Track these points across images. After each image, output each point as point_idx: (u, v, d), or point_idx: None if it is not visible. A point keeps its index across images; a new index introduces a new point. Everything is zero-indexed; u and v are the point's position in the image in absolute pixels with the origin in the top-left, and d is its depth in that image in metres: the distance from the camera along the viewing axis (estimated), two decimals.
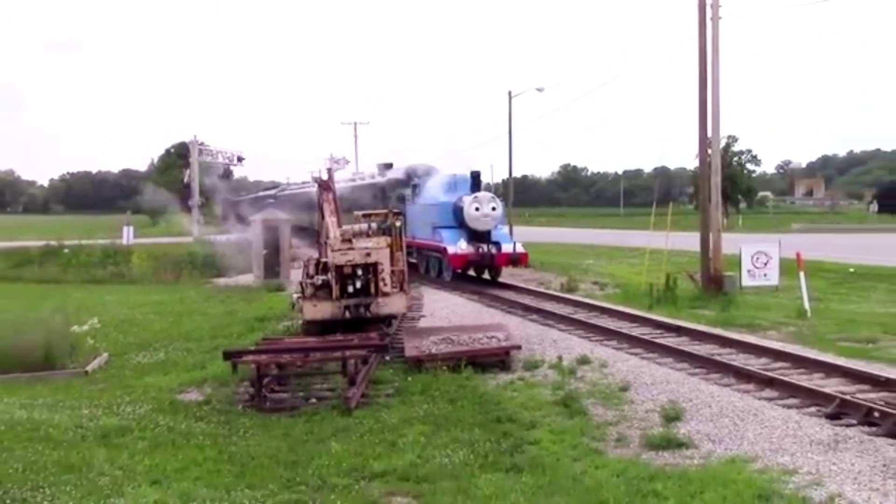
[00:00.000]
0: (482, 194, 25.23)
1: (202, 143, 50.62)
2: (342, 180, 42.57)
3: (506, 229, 26.10)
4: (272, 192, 60.06)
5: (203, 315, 21.16)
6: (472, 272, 26.26)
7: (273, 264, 28.85)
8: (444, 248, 24.68)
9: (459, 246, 24.20)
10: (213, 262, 34.90)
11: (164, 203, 57.22)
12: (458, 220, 25.11)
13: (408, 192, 28.91)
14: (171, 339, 17.65)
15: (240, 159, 53.58)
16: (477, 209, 24.55)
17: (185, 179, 51.56)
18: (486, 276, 26.38)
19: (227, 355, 12.78)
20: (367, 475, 8.70)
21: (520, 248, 24.83)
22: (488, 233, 24.88)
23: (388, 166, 35.25)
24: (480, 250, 24.33)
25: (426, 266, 27.56)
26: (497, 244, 24.74)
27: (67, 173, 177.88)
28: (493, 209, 24.84)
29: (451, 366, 13.41)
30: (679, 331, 16.50)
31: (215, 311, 21.96)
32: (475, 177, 25.74)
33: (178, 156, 73.28)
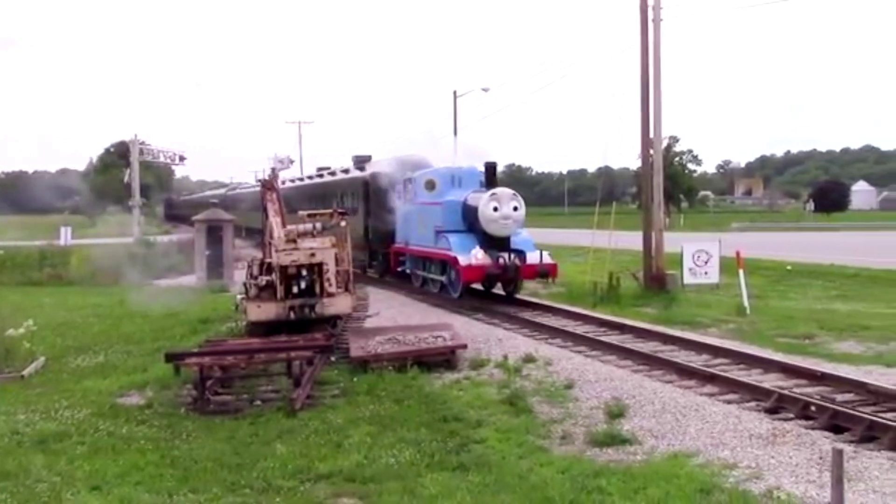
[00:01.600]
0: (501, 191, 20.15)
1: (143, 142, 49.71)
2: (308, 176, 39.10)
3: (526, 233, 21.16)
4: (221, 192, 59.13)
5: (144, 317, 20.77)
6: (478, 285, 21.49)
7: (216, 265, 28.45)
8: (454, 259, 19.98)
9: (474, 255, 19.59)
10: (155, 263, 34.28)
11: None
12: (467, 222, 20.78)
13: (398, 188, 24.29)
14: (110, 341, 17.30)
15: (182, 158, 52.70)
16: (495, 209, 19.67)
17: (125, 179, 50.60)
18: (497, 290, 21.94)
19: (170, 357, 12.57)
20: (312, 477, 8.64)
21: (547, 258, 20.31)
22: (507, 238, 20.13)
23: (366, 159, 30.88)
24: (501, 261, 19.63)
25: (423, 278, 23.07)
26: (520, 253, 19.99)
27: (2, 173, 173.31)
28: (515, 209, 19.93)
29: (397, 366, 13.38)
30: (622, 328, 16.71)
31: (156, 313, 21.59)
32: (490, 169, 20.77)
33: (119, 155, 71.87)
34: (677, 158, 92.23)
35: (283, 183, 38.42)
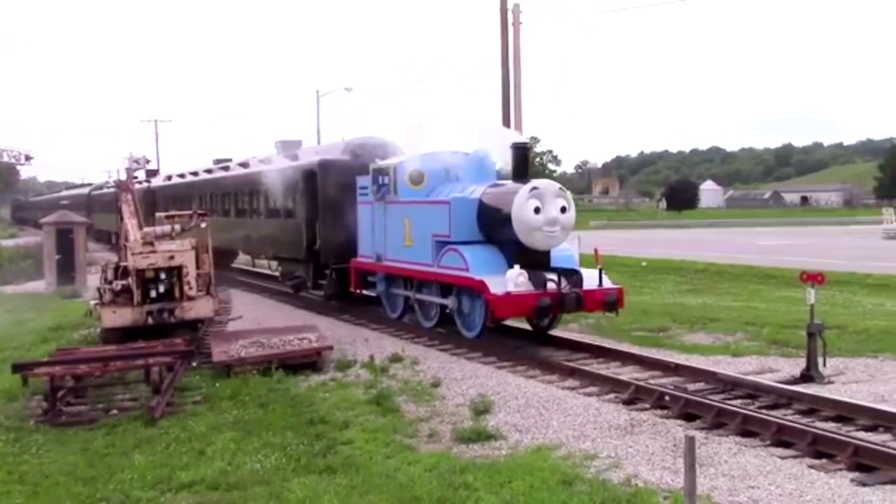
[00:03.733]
0: (544, 185, 14.33)
1: None
2: (207, 170, 31.98)
3: (567, 244, 15.17)
4: (83, 191, 56.02)
5: None
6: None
7: (67, 269, 27.15)
8: (479, 284, 13.79)
9: (512, 280, 13.43)
10: None
11: None
12: (485, 229, 14.90)
13: (362, 182, 18.06)
14: None
15: (28, 158, 50.14)
16: (537, 211, 13.83)
17: None
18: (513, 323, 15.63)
19: (17, 368, 11.89)
20: (173, 486, 8.35)
21: (608, 282, 14.43)
22: (547, 253, 14.48)
23: (296, 144, 24.65)
24: (550, 287, 13.53)
25: (405, 306, 17.22)
26: (573, 274, 14.12)
27: None
28: (564, 210, 14.12)
29: (262, 369, 13.14)
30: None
31: (1, 321, 20.39)
32: (521, 154, 14.79)
33: None
34: (538, 158, 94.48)
35: (170, 178, 35.42)
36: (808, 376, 11.80)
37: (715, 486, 7.77)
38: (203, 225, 17.42)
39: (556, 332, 15.85)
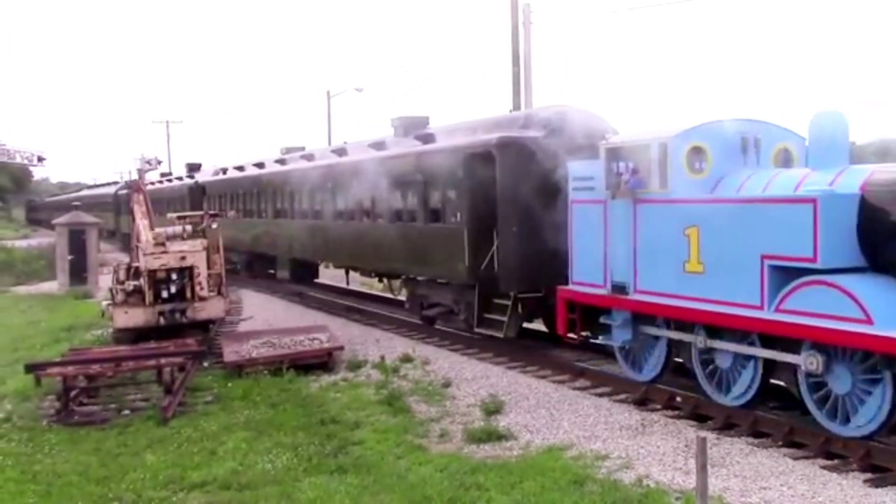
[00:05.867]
0: None
1: None
2: (296, 157, 25.14)
3: None
4: (108, 191, 55.81)
5: (1, 326, 19.72)
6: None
7: (80, 270, 27.30)
8: None
9: None
10: (12, 269, 32.69)
11: None
12: (873, 247, 8.78)
13: (585, 170, 12.00)
14: None
15: (40, 159, 50.36)
16: None
17: None
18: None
19: (30, 368, 11.97)
20: (185, 486, 8.41)
21: None
22: None
23: (422, 122, 18.58)
24: None
25: (666, 361, 11.20)
26: None
27: None
28: None
29: (273, 369, 13.18)
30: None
31: (15, 321, 20.52)
32: None
33: None
34: None
35: (224, 172, 30.22)
36: None
37: (727, 486, 7.75)
38: (214, 226, 17.47)
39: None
